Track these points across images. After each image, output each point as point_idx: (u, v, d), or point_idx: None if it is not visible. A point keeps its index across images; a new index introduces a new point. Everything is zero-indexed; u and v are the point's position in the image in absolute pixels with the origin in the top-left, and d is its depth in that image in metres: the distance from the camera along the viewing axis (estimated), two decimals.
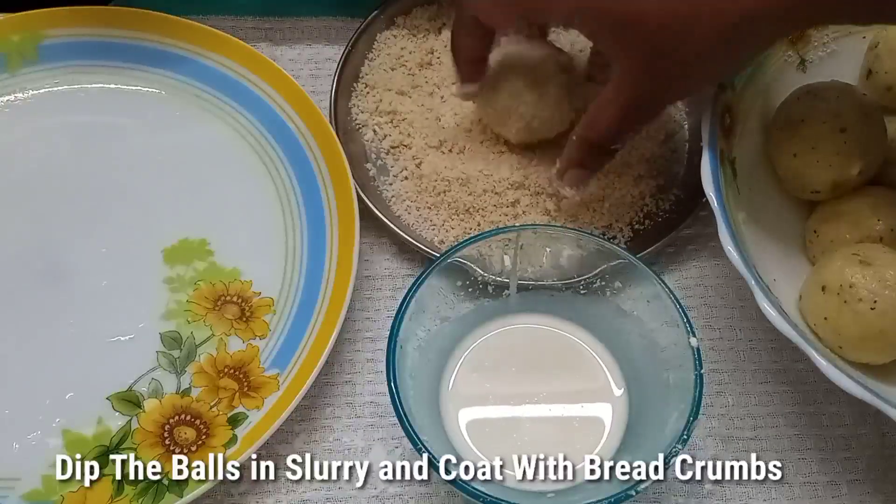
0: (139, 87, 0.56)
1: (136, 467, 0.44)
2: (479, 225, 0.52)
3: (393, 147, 0.55)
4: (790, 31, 0.42)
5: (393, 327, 0.41)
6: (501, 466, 0.42)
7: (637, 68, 0.43)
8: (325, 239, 0.50)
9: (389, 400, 0.40)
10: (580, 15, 0.43)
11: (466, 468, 0.42)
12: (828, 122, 0.47)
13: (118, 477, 0.44)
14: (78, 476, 0.44)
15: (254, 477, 0.46)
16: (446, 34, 0.59)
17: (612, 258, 0.44)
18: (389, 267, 0.53)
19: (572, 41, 0.57)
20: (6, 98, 0.56)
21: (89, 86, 0.56)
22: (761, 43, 0.43)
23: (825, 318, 0.45)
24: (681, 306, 0.42)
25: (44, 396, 0.47)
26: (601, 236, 0.51)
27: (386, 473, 0.46)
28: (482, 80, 0.51)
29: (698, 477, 0.47)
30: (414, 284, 0.42)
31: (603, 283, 0.45)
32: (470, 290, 0.46)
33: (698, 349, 0.41)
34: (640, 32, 0.41)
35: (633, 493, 0.38)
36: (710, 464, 0.47)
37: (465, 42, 0.49)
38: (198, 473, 0.44)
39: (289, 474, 0.46)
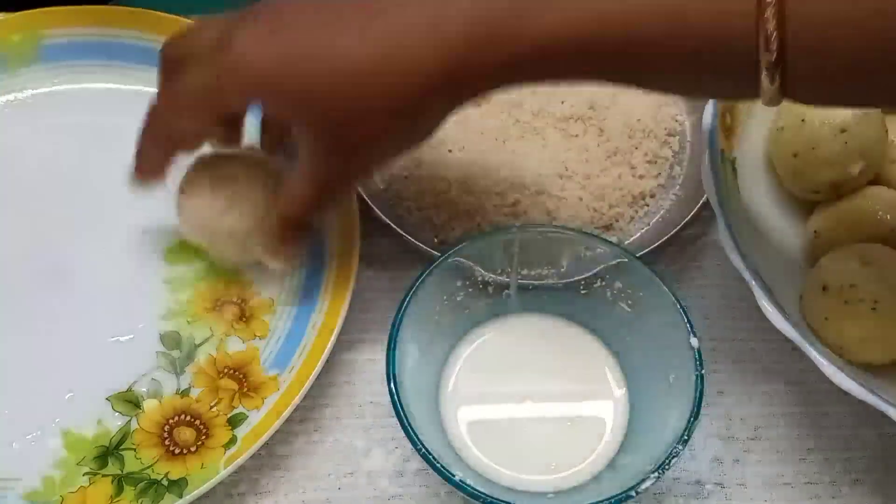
0: (139, 87, 0.56)
1: (137, 467, 0.45)
2: (478, 225, 0.52)
3: None
4: (466, 100, 0.40)
5: (393, 327, 0.41)
6: (501, 466, 0.42)
7: (317, 146, 0.41)
8: (325, 239, 0.50)
9: (389, 400, 0.40)
10: (259, 96, 0.41)
11: (466, 468, 0.42)
12: (828, 122, 0.47)
13: (118, 477, 0.44)
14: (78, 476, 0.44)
15: (254, 477, 0.46)
16: None
17: (612, 258, 0.44)
18: (389, 267, 0.53)
19: None
20: (6, 98, 0.56)
21: (89, 86, 0.56)
22: (438, 116, 0.41)
23: (826, 319, 0.45)
24: (681, 306, 0.42)
25: (44, 396, 0.47)
26: (601, 236, 0.51)
27: (386, 474, 0.46)
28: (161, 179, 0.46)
29: (699, 477, 0.47)
30: (414, 284, 0.42)
31: (603, 283, 0.45)
32: (470, 290, 0.46)
33: (698, 349, 0.41)
34: (315, 113, 0.40)
35: (633, 493, 0.38)
36: (710, 464, 0.47)
37: (152, 153, 0.45)
38: (198, 473, 0.44)
39: (289, 474, 0.46)
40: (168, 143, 0.45)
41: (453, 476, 0.38)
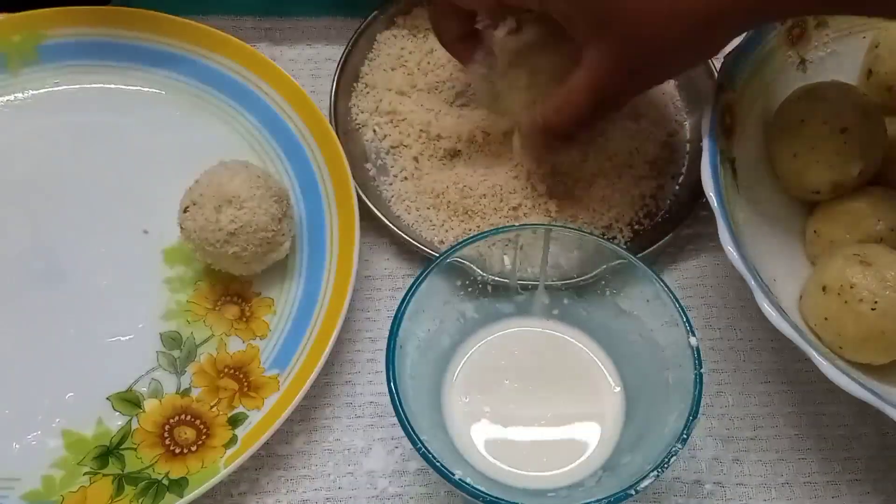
0: (139, 87, 0.56)
1: (137, 467, 0.45)
2: (478, 226, 0.52)
3: (393, 147, 0.55)
4: (763, 22, 0.43)
5: (393, 327, 0.41)
6: (501, 465, 0.42)
7: (611, 57, 0.42)
8: (325, 239, 0.50)
9: (389, 400, 0.40)
10: (557, 1, 0.43)
11: (466, 467, 0.42)
12: (828, 122, 0.47)
13: (119, 477, 0.44)
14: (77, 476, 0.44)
15: (254, 477, 0.46)
16: None
17: (612, 258, 0.44)
18: (389, 267, 0.53)
19: None
20: (6, 98, 0.56)
21: (89, 86, 0.56)
22: (734, 33, 0.43)
23: (826, 319, 0.45)
24: (681, 306, 0.42)
25: (44, 396, 0.47)
26: (601, 236, 0.51)
27: (386, 474, 0.46)
28: (480, 55, 0.50)
29: (698, 476, 0.47)
30: (413, 284, 0.42)
31: (603, 283, 0.45)
32: (470, 290, 0.46)
33: (698, 349, 0.41)
34: (618, 23, 0.41)
35: (633, 492, 0.38)
36: (710, 464, 0.47)
37: (445, 25, 0.49)
38: (198, 473, 0.44)
39: (289, 474, 0.46)
40: (457, 15, 0.47)
41: (453, 475, 0.38)
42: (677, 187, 0.55)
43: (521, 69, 0.49)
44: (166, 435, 0.46)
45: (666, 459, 0.38)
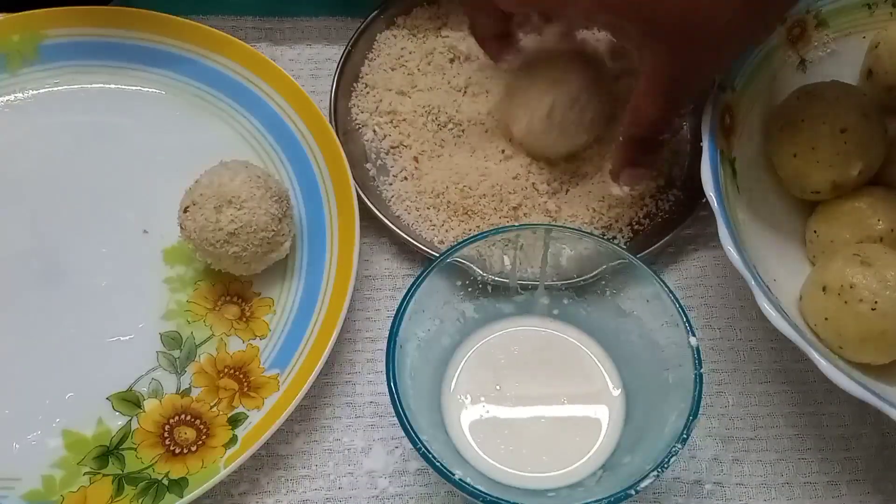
0: (139, 87, 0.56)
1: (137, 467, 0.45)
2: (478, 226, 0.52)
3: (393, 147, 0.55)
4: None
5: (393, 327, 0.41)
6: (501, 465, 0.42)
7: (668, 53, 0.43)
8: (325, 239, 0.50)
9: (389, 400, 0.40)
10: (601, 12, 0.43)
11: (466, 467, 0.42)
12: (828, 123, 0.47)
13: (119, 477, 0.44)
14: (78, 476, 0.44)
15: (254, 477, 0.46)
16: (447, 34, 0.59)
17: (612, 258, 0.44)
18: (389, 267, 0.53)
19: None
20: (6, 98, 0.56)
21: (89, 86, 0.56)
22: (782, 7, 0.43)
23: (826, 319, 0.45)
24: (680, 306, 0.42)
25: (44, 396, 0.47)
26: (601, 236, 0.51)
27: (386, 474, 0.46)
28: (512, 53, 0.51)
29: (698, 476, 0.47)
30: (413, 284, 0.42)
31: (603, 283, 0.45)
32: (470, 290, 0.46)
33: (698, 348, 0.41)
34: (667, 19, 0.41)
35: (633, 492, 0.38)
36: (709, 464, 0.47)
37: (482, 22, 0.50)
38: (198, 473, 0.44)
39: (289, 474, 0.46)
40: (495, 15, 0.48)
41: (453, 475, 0.38)
42: (677, 187, 0.55)
43: (532, 81, 0.51)
44: (166, 435, 0.46)
45: (666, 459, 0.38)
